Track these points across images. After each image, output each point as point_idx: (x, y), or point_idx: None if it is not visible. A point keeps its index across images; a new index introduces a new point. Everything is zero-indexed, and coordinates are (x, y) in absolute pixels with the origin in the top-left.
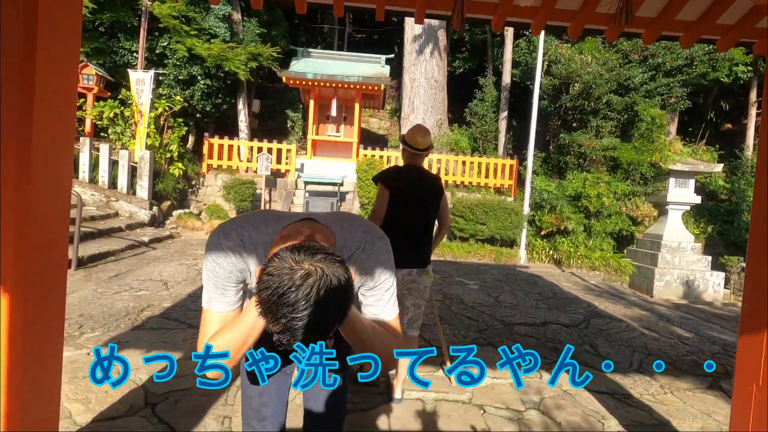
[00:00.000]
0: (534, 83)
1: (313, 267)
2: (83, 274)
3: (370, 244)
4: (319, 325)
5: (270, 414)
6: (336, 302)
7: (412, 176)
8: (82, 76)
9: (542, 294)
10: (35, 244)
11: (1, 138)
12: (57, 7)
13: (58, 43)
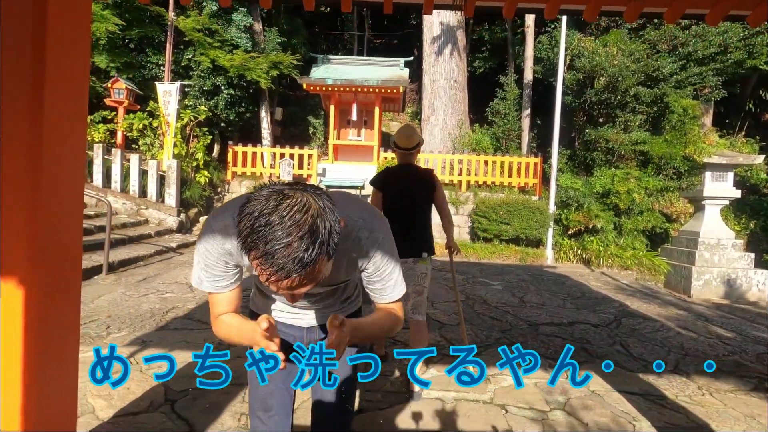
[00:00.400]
0: (557, 79)
1: (290, 191)
2: (113, 278)
3: (369, 222)
4: (298, 250)
5: (276, 404)
6: (317, 227)
7: (402, 173)
8: (114, 90)
9: (570, 294)
10: (49, 241)
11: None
12: (66, 17)
13: (68, 54)
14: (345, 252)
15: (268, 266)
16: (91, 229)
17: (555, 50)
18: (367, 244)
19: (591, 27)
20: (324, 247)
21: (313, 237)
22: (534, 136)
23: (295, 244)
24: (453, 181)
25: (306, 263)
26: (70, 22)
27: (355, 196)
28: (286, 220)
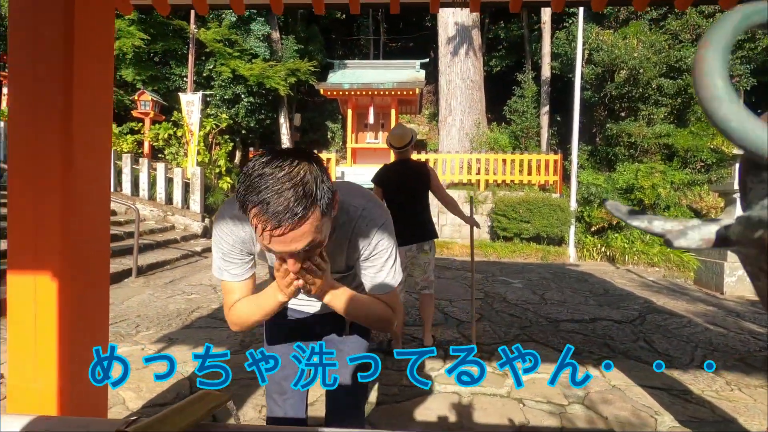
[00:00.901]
0: (575, 74)
1: (284, 151)
2: (142, 281)
3: (369, 210)
4: (289, 199)
5: (291, 388)
6: (307, 180)
7: (398, 169)
8: (140, 102)
9: (592, 291)
10: (79, 239)
11: (46, 153)
12: (91, 35)
13: (93, 68)
14: (345, 237)
15: (262, 216)
16: (121, 235)
17: (572, 45)
18: (367, 230)
19: (609, 20)
20: (316, 200)
21: (305, 188)
22: (553, 133)
23: (287, 192)
24: (471, 180)
25: (297, 212)
26: (95, 38)
27: (358, 186)
28: (278, 172)
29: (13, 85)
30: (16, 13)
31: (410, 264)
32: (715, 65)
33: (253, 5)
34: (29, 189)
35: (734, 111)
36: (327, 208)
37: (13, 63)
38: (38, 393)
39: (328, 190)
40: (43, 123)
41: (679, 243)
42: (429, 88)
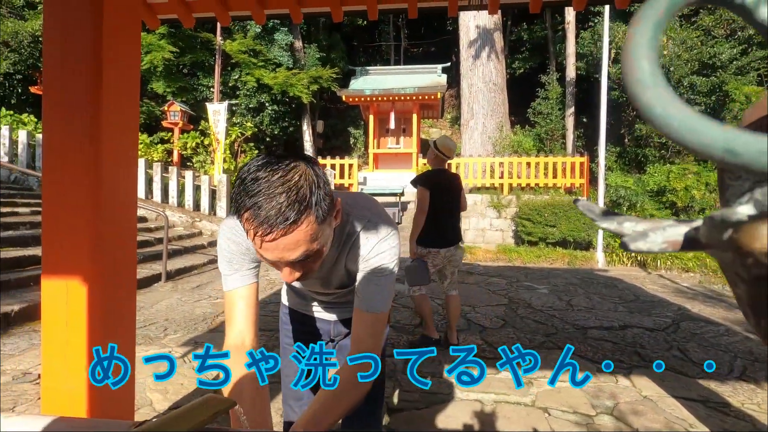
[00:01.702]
0: (601, 74)
1: (285, 157)
2: (171, 286)
3: (374, 222)
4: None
5: (306, 395)
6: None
7: (443, 175)
8: (170, 113)
9: (622, 297)
10: (107, 244)
11: (76, 160)
12: (119, 49)
13: (121, 77)
14: (347, 247)
15: (254, 221)
16: (151, 241)
17: (598, 45)
18: (365, 244)
19: None
20: (310, 206)
21: (299, 193)
22: (579, 134)
23: (279, 197)
24: (494, 184)
25: (289, 217)
26: (122, 52)
27: (368, 197)
28: (272, 176)
29: (47, 99)
30: (49, 32)
31: (447, 263)
32: (643, 45)
33: (274, 15)
34: (61, 197)
35: (659, 96)
36: (323, 215)
37: (47, 78)
38: (69, 394)
39: (326, 197)
40: (74, 134)
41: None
42: (451, 92)
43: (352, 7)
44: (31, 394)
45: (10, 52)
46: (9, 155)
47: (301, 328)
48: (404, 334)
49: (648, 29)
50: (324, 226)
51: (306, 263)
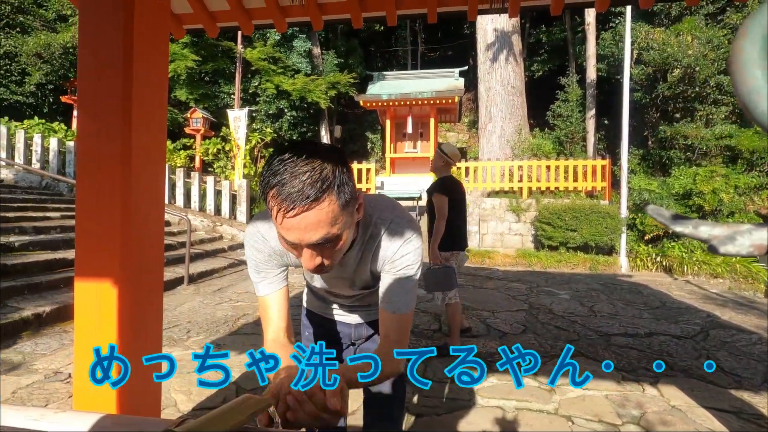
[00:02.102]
0: (623, 75)
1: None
2: (193, 289)
3: (396, 223)
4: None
5: None
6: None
7: (456, 183)
8: (192, 119)
9: (647, 304)
10: (136, 249)
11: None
12: (148, 59)
13: (149, 89)
14: (371, 248)
15: (278, 197)
16: (174, 245)
17: (620, 45)
18: (388, 245)
19: (660, 17)
20: (332, 186)
21: (322, 172)
22: (601, 137)
23: (303, 175)
24: (513, 188)
25: (310, 194)
26: (151, 62)
27: (389, 198)
28: (298, 157)
29: (81, 107)
30: (84, 44)
31: (458, 266)
32: (753, 56)
33: (295, 23)
34: (93, 202)
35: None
36: (345, 199)
37: (81, 87)
38: (100, 393)
39: (349, 182)
40: (106, 141)
41: (726, 249)
42: (468, 96)
43: (372, 13)
44: (62, 392)
45: (43, 63)
46: (41, 162)
47: (321, 331)
48: (423, 339)
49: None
50: (345, 213)
51: (326, 249)
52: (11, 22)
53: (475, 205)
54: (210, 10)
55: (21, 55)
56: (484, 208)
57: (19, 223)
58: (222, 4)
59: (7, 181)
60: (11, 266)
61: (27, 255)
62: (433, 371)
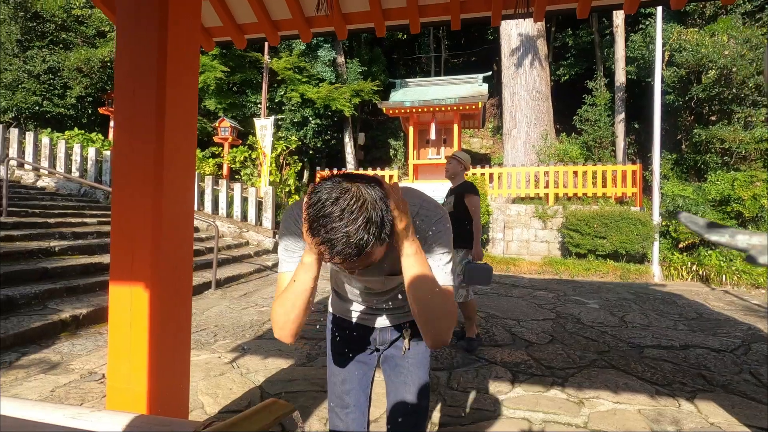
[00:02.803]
0: (654, 78)
1: (350, 185)
2: (220, 293)
3: (425, 208)
4: (352, 237)
5: (352, 403)
6: (371, 218)
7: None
8: (220, 128)
9: (683, 314)
10: (167, 253)
11: (140, 175)
12: (180, 72)
13: (181, 100)
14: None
15: (327, 253)
16: (202, 250)
17: (651, 47)
18: (420, 227)
19: (693, 17)
20: (377, 236)
21: (367, 226)
22: (631, 141)
23: (351, 233)
24: (539, 194)
25: (360, 250)
26: (183, 74)
27: (417, 190)
28: (345, 212)
29: (117, 118)
30: (120, 57)
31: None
32: None
33: (320, 33)
34: (127, 209)
35: None
36: (387, 236)
37: (117, 99)
38: (131, 393)
39: (390, 222)
40: (140, 151)
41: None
42: (492, 102)
43: (395, 22)
44: (96, 392)
45: (83, 77)
46: (80, 170)
47: (347, 335)
48: (446, 348)
49: None
50: (384, 245)
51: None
52: (55, 39)
53: (499, 211)
54: (238, 23)
55: (63, 69)
56: (509, 214)
57: (59, 228)
58: (250, 17)
59: (49, 188)
60: (51, 269)
61: (66, 259)
62: (457, 380)
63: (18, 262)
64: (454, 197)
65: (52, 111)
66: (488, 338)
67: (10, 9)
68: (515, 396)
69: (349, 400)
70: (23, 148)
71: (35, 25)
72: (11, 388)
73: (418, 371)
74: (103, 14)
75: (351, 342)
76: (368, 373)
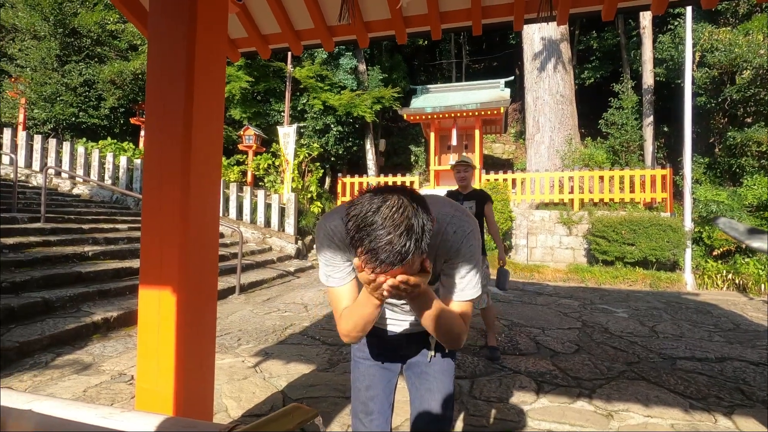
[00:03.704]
0: (684, 79)
1: (390, 195)
2: (244, 298)
3: (457, 218)
4: (396, 245)
5: (376, 409)
6: (412, 226)
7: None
8: (245, 137)
9: (718, 325)
10: (194, 257)
11: (170, 183)
12: (207, 82)
13: (208, 110)
14: (435, 247)
15: (372, 260)
16: (227, 255)
17: (680, 48)
18: (455, 238)
19: (725, 16)
20: (418, 243)
21: (409, 234)
22: (660, 145)
23: (394, 241)
24: (564, 200)
25: (404, 257)
26: (210, 84)
27: (446, 198)
28: (387, 220)
29: (148, 128)
30: (151, 69)
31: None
32: None
33: (342, 41)
34: (157, 216)
35: None
36: (427, 244)
37: (148, 110)
38: (159, 395)
39: (429, 230)
40: (168, 159)
41: None
42: (515, 106)
43: (416, 29)
44: (125, 393)
45: (116, 88)
46: (112, 178)
47: (373, 341)
48: (468, 356)
49: None
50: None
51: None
52: (90, 53)
53: (523, 217)
54: (263, 34)
55: (98, 82)
56: (532, 220)
57: (93, 234)
58: (274, 27)
59: (84, 196)
60: (85, 274)
61: (98, 263)
62: (480, 389)
63: (55, 266)
64: (474, 203)
65: (87, 122)
66: (512, 347)
67: (50, 26)
68: (540, 407)
69: (374, 406)
70: (60, 158)
71: (73, 41)
72: (47, 388)
73: (444, 379)
74: (135, 29)
75: (376, 348)
76: (392, 380)
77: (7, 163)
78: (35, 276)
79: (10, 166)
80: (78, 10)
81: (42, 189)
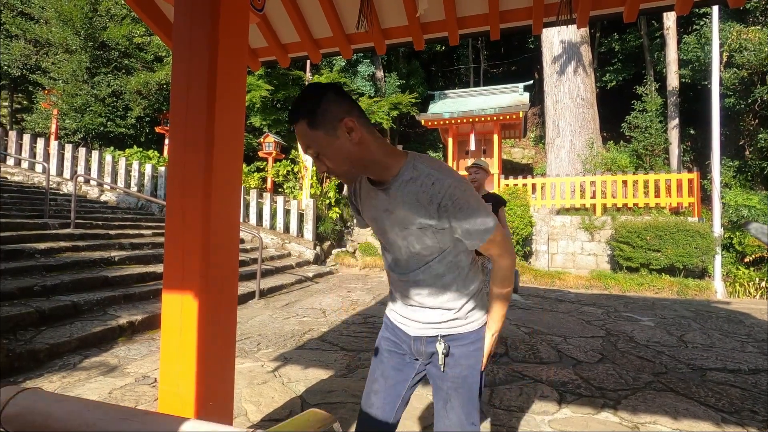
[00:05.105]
0: (711, 80)
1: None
2: (263, 303)
3: (438, 173)
4: (294, 109)
5: (378, 404)
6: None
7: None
8: (265, 144)
9: (751, 335)
10: (215, 262)
11: (192, 189)
12: (229, 91)
13: (229, 118)
14: (413, 191)
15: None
16: (247, 260)
17: (706, 49)
18: (434, 190)
19: (755, 15)
20: (304, 115)
21: (302, 105)
22: (686, 148)
23: (296, 104)
24: (585, 204)
25: (294, 119)
26: (231, 93)
27: (438, 160)
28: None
29: (172, 136)
30: (175, 79)
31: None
32: None
33: (360, 49)
34: (179, 222)
35: None
36: (318, 125)
37: (172, 119)
38: (181, 398)
39: (325, 112)
40: (192, 167)
41: None
42: (534, 111)
43: (434, 35)
44: (148, 395)
45: (142, 99)
46: (138, 185)
47: (388, 335)
48: (489, 365)
49: None
50: (320, 134)
51: (319, 159)
52: (118, 65)
53: (543, 222)
54: (282, 43)
55: (125, 93)
56: (553, 225)
57: (119, 239)
58: (293, 36)
59: (111, 202)
60: (112, 278)
61: (124, 268)
62: (499, 398)
63: (83, 270)
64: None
65: (115, 131)
66: (533, 355)
67: (81, 40)
68: (562, 417)
69: (375, 400)
70: (89, 166)
71: (102, 54)
72: (74, 389)
73: (458, 396)
74: (160, 41)
75: (388, 343)
76: (401, 383)
77: (39, 172)
78: (65, 280)
79: (43, 174)
80: (107, 24)
81: (72, 196)
